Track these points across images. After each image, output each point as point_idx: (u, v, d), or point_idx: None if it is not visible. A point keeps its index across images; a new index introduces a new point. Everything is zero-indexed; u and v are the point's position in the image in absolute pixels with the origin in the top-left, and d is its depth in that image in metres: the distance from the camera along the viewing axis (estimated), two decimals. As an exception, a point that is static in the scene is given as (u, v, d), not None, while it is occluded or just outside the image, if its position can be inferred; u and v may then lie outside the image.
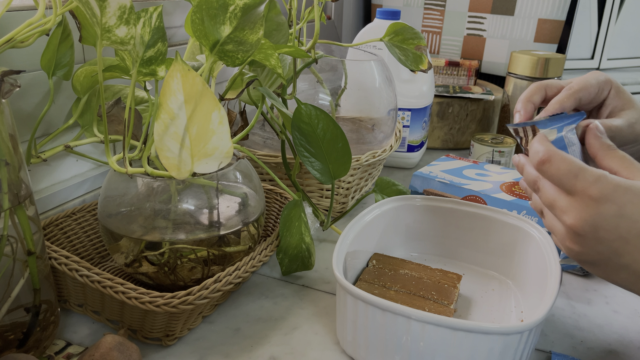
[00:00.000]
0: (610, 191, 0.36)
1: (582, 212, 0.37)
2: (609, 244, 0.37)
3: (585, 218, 0.37)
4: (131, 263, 0.52)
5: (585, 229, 0.37)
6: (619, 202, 0.36)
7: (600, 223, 0.36)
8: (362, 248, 0.58)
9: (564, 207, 0.38)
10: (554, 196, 0.39)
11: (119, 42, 0.45)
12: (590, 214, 0.37)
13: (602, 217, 0.36)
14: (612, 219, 0.36)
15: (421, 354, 0.43)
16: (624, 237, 0.36)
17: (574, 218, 0.38)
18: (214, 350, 0.49)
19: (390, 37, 0.65)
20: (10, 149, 0.41)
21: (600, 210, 0.36)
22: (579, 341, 0.51)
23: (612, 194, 0.36)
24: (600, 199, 0.36)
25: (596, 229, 0.37)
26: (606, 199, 0.36)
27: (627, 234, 0.36)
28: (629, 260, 0.37)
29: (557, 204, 0.39)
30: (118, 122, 0.58)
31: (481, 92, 1.05)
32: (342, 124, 0.81)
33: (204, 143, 0.45)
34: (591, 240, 0.37)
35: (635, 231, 0.36)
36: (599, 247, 0.37)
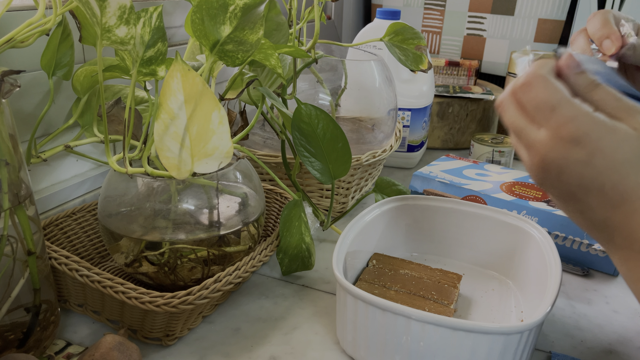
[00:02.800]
0: (583, 134, 0.33)
1: (550, 151, 0.34)
2: (569, 188, 0.35)
3: (552, 157, 0.34)
4: (131, 263, 0.52)
5: (549, 169, 0.35)
6: (589, 149, 0.33)
7: (565, 167, 0.34)
8: (362, 248, 0.58)
9: (532, 141, 0.36)
10: (520, 125, 0.36)
11: (119, 42, 0.45)
12: (557, 155, 0.34)
13: (568, 162, 0.34)
14: (578, 164, 0.34)
15: (421, 354, 0.43)
16: (586, 186, 0.34)
17: (539, 155, 0.35)
18: (214, 350, 0.49)
19: (390, 37, 0.65)
20: (10, 149, 0.41)
21: (567, 154, 0.34)
22: (579, 341, 0.51)
23: (584, 137, 0.33)
24: (571, 141, 0.33)
25: (560, 171, 0.34)
26: (577, 142, 0.33)
27: (589, 184, 0.34)
28: (585, 208, 0.35)
29: (524, 134, 0.36)
30: (118, 122, 0.58)
31: (481, 92, 1.05)
32: (342, 124, 0.81)
33: (204, 143, 0.45)
34: (553, 180, 0.35)
35: (598, 183, 0.33)
36: (560, 187, 0.35)
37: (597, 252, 0.62)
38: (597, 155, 0.33)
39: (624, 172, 0.33)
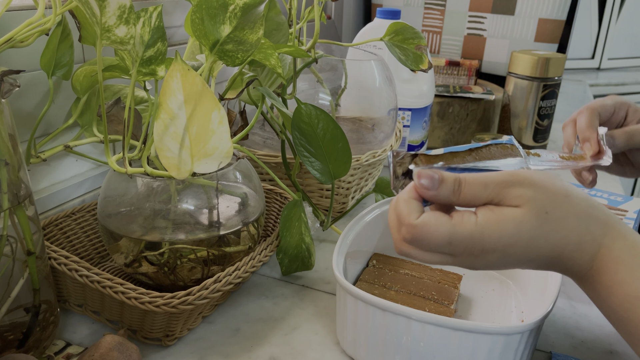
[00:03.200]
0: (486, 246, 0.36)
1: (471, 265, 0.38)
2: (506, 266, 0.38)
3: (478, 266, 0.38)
4: (131, 263, 0.52)
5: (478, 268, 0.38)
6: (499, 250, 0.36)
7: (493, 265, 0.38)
8: (362, 248, 0.58)
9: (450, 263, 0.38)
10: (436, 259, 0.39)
11: (118, 41, 0.45)
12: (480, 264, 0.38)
13: (491, 262, 0.37)
14: (499, 261, 0.37)
15: (421, 354, 0.43)
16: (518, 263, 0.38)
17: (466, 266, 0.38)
18: (214, 350, 0.49)
19: (391, 36, 0.65)
20: (10, 149, 0.41)
21: (486, 260, 0.37)
22: (579, 341, 0.51)
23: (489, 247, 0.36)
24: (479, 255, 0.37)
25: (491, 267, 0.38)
26: (486, 252, 0.36)
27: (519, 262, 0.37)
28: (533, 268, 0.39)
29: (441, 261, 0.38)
30: (118, 122, 0.58)
31: (481, 91, 1.05)
32: (342, 124, 0.81)
33: (204, 143, 0.45)
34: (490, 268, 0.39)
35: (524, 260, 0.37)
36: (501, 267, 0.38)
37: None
38: (507, 250, 0.36)
39: (535, 247, 0.36)
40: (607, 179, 0.93)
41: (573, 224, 0.36)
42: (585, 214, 0.37)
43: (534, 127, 0.98)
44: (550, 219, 0.36)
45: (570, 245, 0.36)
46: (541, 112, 0.97)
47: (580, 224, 0.36)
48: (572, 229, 0.36)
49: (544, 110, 0.97)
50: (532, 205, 0.36)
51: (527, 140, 0.99)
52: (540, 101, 0.96)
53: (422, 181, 0.38)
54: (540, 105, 0.96)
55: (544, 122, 0.98)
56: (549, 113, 0.98)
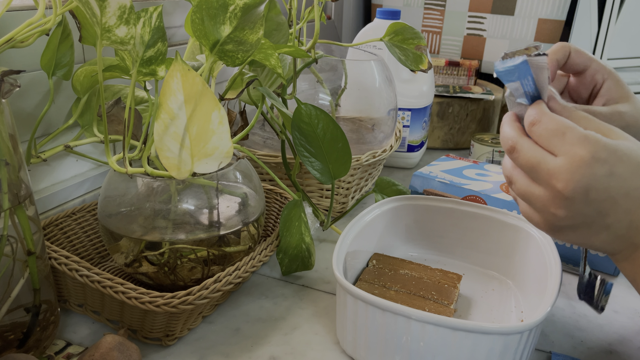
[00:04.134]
0: (601, 150, 0.35)
1: (574, 173, 0.35)
2: (597, 204, 0.36)
3: (577, 179, 0.35)
4: (131, 263, 0.52)
5: (576, 191, 0.36)
6: (610, 161, 0.35)
7: (592, 184, 0.35)
8: (362, 248, 0.58)
9: (553, 169, 0.36)
10: (538, 158, 0.37)
11: (119, 42, 0.45)
12: (582, 175, 0.35)
13: (594, 178, 0.35)
14: (604, 178, 0.35)
15: (421, 354, 0.43)
16: (613, 197, 0.36)
17: (564, 181, 0.36)
18: (214, 350, 0.49)
19: (390, 37, 0.65)
20: (10, 149, 0.41)
21: (593, 171, 0.35)
22: (579, 341, 0.51)
23: (602, 153, 0.35)
24: (591, 159, 0.35)
25: (587, 190, 0.36)
26: (597, 159, 0.35)
27: (616, 194, 0.35)
28: (613, 220, 0.36)
29: (542, 166, 0.37)
30: (118, 122, 0.58)
31: (481, 92, 1.05)
32: (342, 124, 0.81)
33: (204, 143, 0.45)
34: (580, 203, 0.36)
35: (624, 190, 0.35)
36: (587, 209, 0.36)
37: (597, 251, 0.62)
38: (618, 165, 0.35)
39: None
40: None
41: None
42: None
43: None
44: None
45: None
46: (541, 112, 0.97)
47: None
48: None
49: (543, 110, 0.97)
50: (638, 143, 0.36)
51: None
52: (540, 101, 0.96)
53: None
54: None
55: (544, 122, 0.98)
56: (548, 113, 0.98)
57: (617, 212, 0.36)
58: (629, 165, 0.35)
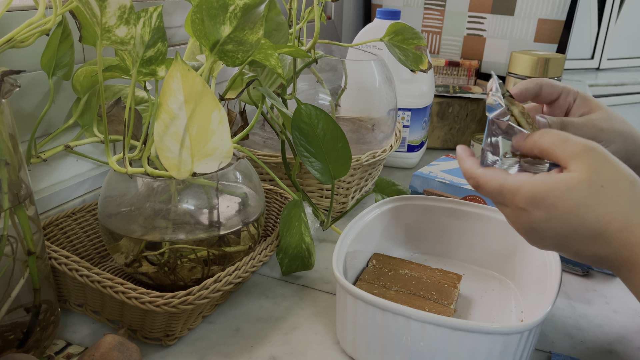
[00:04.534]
0: (532, 198, 0.38)
1: (517, 220, 0.40)
2: (552, 240, 0.39)
3: (522, 224, 0.40)
4: (131, 263, 0.52)
5: (527, 233, 0.40)
6: (544, 206, 0.38)
7: (536, 227, 0.39)
8: (362, 248, 0.58)
9: (507, 216, 0.42)
10: (499, 208, 0.43)
11: (119, 42, 0.45)
12: (524, 221, 0.40)
13: (535, 222, 0.39)
14: (543, 222, 0.38)
15: (421, 354, 0.43)
16: (561, 234, 0.38)
17: (515, 226, 0.41)
18: (214, 350, 0.49)
19: (390, 37, 0.65)
20: (10, 149, 0.41)
21: (530, 217, 0.39)
22: (579, 341, 0.51)
23: (534, 199, 0.38)
24: (527, 205, 0.39)
25: (535, 231, 0.39)
26: (532, 205, 0.39)
27: (562, 231, 0.38)
28: (576, 250, 0.39)
29: (501, 212, 0.42)
30: (118, 122, 0.58)
31: (481, 92, 1.05)
32: (342, 124, 0.81)
33: (204, 143, 0.45)
34: (538, 240, 0.40)
35: (568, 227, 0.38)
36: (549, 242, 0.40)
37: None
38: (551, 209, 0.38)
39: (580, 214, 0.37)
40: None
41: (624, 205, 0.37)
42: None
43: (533, 127, 0.98)
44: (602, 193, 0.37)
45: (617, 223, 0.36)
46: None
47: (633, 208, 0.37)
48: (622, 208, 0.37)
49: (543, 110, 0.97)
50: (591, 176, 0.37)
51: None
52: (540, 101, 0.96)
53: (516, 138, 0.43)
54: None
55: (544, 122, 0.98)
56: (548, 113, 0.98)
57: (575, 244, 0.39)
58: (563, 208, 0.37)
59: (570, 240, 0.38)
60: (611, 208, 0.37)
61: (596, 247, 0.38)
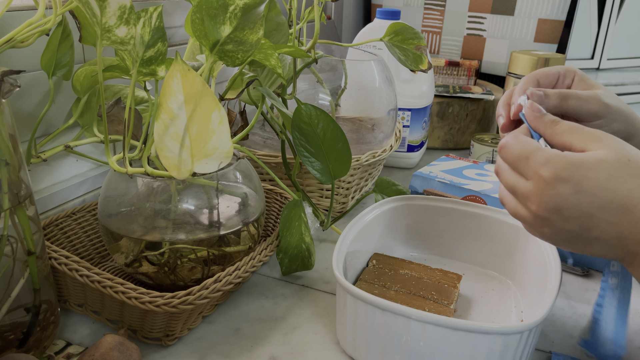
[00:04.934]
0: (562, 170, 0.36)
1: (541, 196, 0.37)
2: (575, 221, 0.37)
3: (546, 201, 0.37)
4: (131, 263, 0.52)
5: (549, 212, 0.37)
6: (574, 180, 0.36)
7: (561, 204, 0.37)
8: (362, 248, 0.58)
9: (525, 192, 0.39)
10: (513, 181, 0.40)
11: (119, 42, 0.45)
12: (549, 197, 0.37)
13: (561, 198, 0.36)
14: (571, 197, 0.36)
15: (421, 354, 0.43)
16: (588, 212, 0.36)
17: (536, 203, 0.38)
18: (214, 350, 0.49)
19: (390, 37, 0.65)
20: (10, 149, 0.41)
21: (557, 192, 0.36)
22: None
23: (565, 172, 0.36)
24: (554, 180, 0.36)
25: (559, 210, 0.37)
26: (560, 179, 0.36)
27: (589, 209, 0.36)
28: (598, 233, 0.37)
29: (517, 189, 0.40)
30: (118, 122, 0.58)
31: (481, 92, 1.05)
32: (342, 124, 0.81)
33: (204, 143, 0.45)
34: (558, 222, 0.37)
35: (597, 204, 0.36)
36: (568, 225, 0.37)
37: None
38: (582, 182, 0.36)
39: (612, 187, 0.35)
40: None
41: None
42: None
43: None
44: (631, 166, 0.36)
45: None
46: (541, 112, 0.97)
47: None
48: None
49: (543, 110, 0.97)
50: (617, 150, 0.36)
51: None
52: (540, 101, 0.96)
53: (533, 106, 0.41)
54: None
55: (544, 122, 0.98)
56: (548, 113, 0.98)
57: (599, 225, 0.36)
58: (595, 180, 0.36)
59: (596, 219, 0.36)
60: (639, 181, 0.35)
61: (622, 226, 0.36)
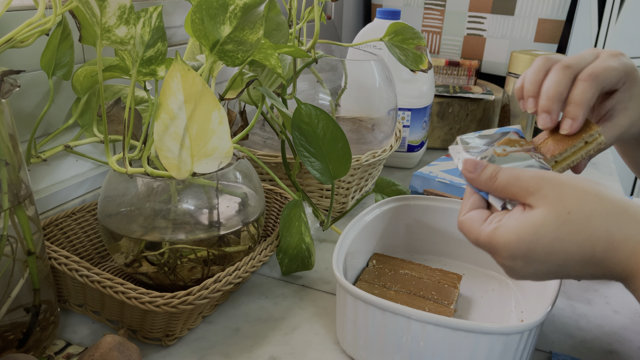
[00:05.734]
0: (506, 252, 0.37)
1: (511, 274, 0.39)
2: (549, 276, 0.38)
3: (517, 276, 0.39)
4: (131, 263, 0.52)
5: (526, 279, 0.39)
6: (520, 256, 0.37)
7: (527, 274, 0.38)
8: (362, 248, 0.58)
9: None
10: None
11: (118, 42, 0.45)
12: (516, 274, 0.39)
13: (523, 271, 0.38)
14: (529, 268, 0.37)
15: (421, 354, 0.43)
16: (553, 270, 0.37)
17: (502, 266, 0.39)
18: (213, 350, 0.49)
19: (390, 37, 0.65)
20: (10, 149, 0.41)
21: (512, 265, 0.38)
22: (579, 341, 0.51)
23: (510, 252, 0.37)
24: (504, 260, 0.38)
25: (529, 276, 0.38)
26: (509, 258, 0.37)
27: (552, 268, 0.37)
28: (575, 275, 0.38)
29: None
30: (118, 122, 0.58)
31: (481, 92, 1.05)
32: (342, 124, 0.81)
33: (204, 143, 0.45)
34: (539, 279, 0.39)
35: (554, 265, 0.37)
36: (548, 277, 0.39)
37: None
38: (530, 255, 0.37)
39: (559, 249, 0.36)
40: (607, 179, 0.93)
41: (600, 223, 0.35)
42: (615, 212, 0.36)
43: (533, 127, 0.98)
44: (572, 219, 0.35)
45: (600, 244, 0.35)
46: (541, 112, 0.97)
47: (610, 222, 0.35)
48: (599, 227, 0.35)
49: (543, 110, 0.97)
50: (554, 207, 0.36)
51: (527, 141, 0.99)
52: (540, 101, 0.96)
53: (467, 166, 0.42)
54: None
55: (544, 122, 0.98)
56: (548, 113, 0.98)
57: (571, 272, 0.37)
58: (540, 249, 0.36)
59: (565, 269, 0.37)
60: (588, 231, 0.35)
61: (590, 269, 0.37)
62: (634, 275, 0.35)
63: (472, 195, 0.42)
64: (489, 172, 0.40)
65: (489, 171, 0.40)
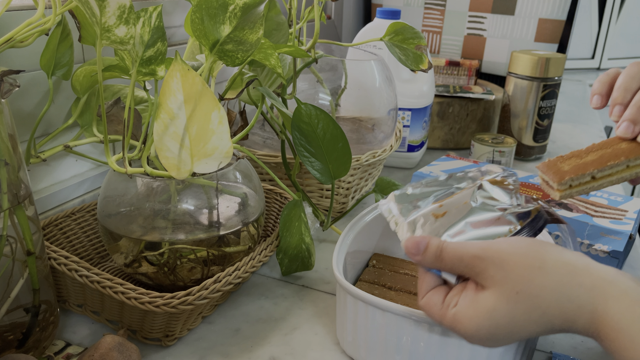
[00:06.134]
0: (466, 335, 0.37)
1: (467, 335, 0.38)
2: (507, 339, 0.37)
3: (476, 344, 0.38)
4: (131, 263, 0.52)
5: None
6: (480, 337, 0.36)
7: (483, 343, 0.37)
8: (362, 248, 0.58)
9: None
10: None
11: (118, 41, 0.45)
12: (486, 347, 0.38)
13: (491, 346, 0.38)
14: (488, 342, 0.37)
15: (421, 354, 0.43)
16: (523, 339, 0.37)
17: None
18: (213, 350, 0.49)
19: (391, 36, 0.65)
20: (10, 149, 0.41)
21: (484, 345, 0.37)
22: (579, 341, 0.51)
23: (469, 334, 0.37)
24: (473, 342, 0.37)
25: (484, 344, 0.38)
26: (470, 338, 0.37)
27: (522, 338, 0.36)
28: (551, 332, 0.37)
29: None
30: (118, 122, 0.58)
31: (481, 91, 1.05)
32: (342, 124, 0.81)
33: (204, 143, 0.45)
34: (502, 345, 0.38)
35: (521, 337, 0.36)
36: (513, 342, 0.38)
37: (598, 252, 0.62)
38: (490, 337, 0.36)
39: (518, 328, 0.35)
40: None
41: (550, 298, 0.35)
42: (562, 283, 0.35)
43: (534, 127, 0.98)
44: (522, 299, 0.35)
45: (557, 319, 0.35)
46: (541, 112, 0.97)
47: (559, 295, 0.35)
48: (550, 303, 0.35)
49: (544, 110, 0.97)
50: (502, 289, 0.36)
51: (527, 140, 0.99)
52: (540, 101, 0.96)
53: (409, 248, 0.40)
54: (540, 105, 0.96)
55: (544, 122, 0.98)
56: (549, 113, 0.98)
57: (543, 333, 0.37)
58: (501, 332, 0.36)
59: (535, 335, 0.37)
60: (541, 309, 0.35)
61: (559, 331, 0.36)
62: (597, 339, 0.35)
63: (425, 275, 0.41)
64: (433, 252, 0.39)
65: (432, 251, 0.39)
